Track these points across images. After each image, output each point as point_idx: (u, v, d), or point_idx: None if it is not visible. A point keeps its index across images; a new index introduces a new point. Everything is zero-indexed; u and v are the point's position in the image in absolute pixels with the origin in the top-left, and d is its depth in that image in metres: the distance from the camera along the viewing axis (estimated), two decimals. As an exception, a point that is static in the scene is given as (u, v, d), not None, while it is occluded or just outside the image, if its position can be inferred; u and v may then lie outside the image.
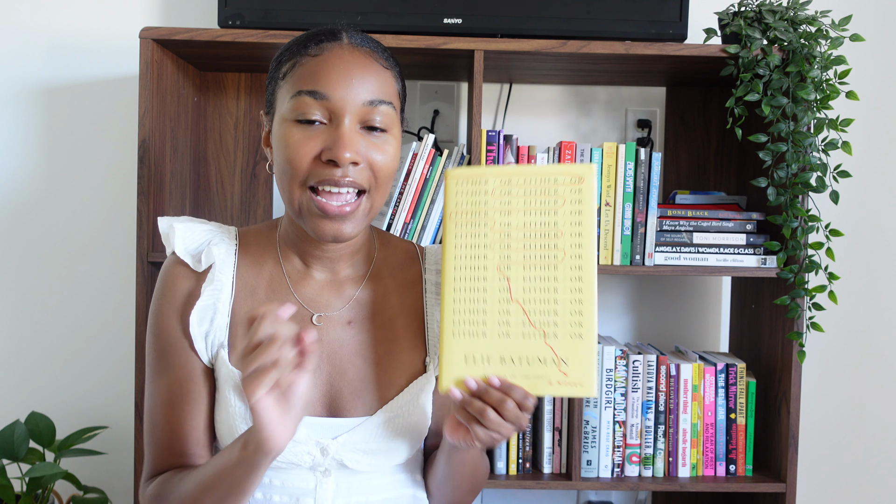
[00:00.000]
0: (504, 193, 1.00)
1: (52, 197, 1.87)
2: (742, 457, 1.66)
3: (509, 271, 0.98)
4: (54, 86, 1.86)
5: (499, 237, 0.99)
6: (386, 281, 1.12)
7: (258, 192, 1.84)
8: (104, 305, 1.88)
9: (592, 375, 0.95)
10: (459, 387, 0.97)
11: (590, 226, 0.97)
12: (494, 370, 0.97)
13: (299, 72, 1.00)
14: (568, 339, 0.96)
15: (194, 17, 1.86)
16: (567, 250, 0.97)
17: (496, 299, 0.98)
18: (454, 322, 0.99)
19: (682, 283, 1.96)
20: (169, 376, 1.05)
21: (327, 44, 1.01)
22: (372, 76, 1.00)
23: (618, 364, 1.64)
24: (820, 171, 1.53)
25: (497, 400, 0.94)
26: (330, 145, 0.97)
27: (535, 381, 0.96)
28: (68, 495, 1.78)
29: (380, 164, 1.00)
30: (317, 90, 0.97)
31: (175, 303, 1.06)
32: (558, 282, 0.97)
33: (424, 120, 1.89)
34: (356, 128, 0.99)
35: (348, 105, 0.98)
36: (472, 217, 1.00)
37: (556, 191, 0.98)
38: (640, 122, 1.92)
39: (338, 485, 1.05)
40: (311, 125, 0.98)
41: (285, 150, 0.98)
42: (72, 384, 1.88)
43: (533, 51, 1.55)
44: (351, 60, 1.00)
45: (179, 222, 1.09)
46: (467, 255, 0.99)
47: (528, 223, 0.98)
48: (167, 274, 1.08)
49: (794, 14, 1.55)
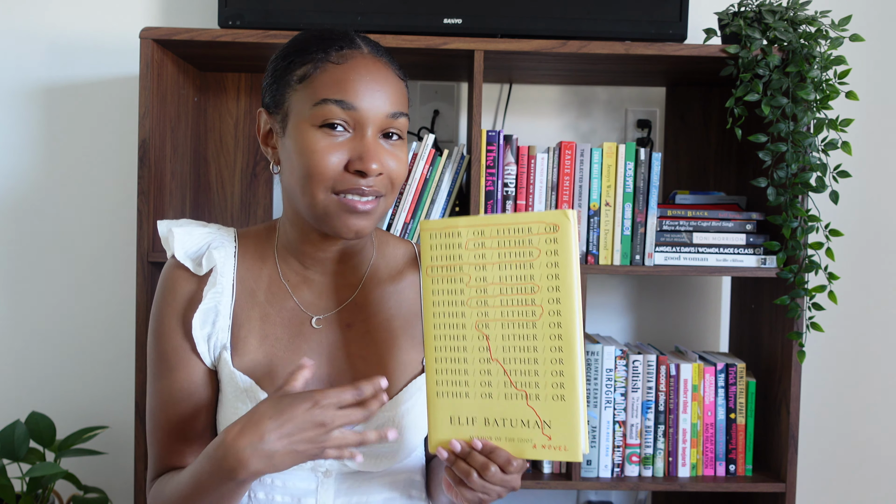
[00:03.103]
0: (477, 246, 0.96)
1: (52, 197, 1.87)
2: (742, 457, 1.66)
3: (487, 329, 0.94)
4: (54, 86, 1.86)
5: (475, 293, 0.95)
6: (384, 282, 1.12)
7: (258, 192, 1.84)
8: (104, 305, 1.88)
9: (577, 439, 0.91)
10: (445, 448, 0.95)
11: (568, 278, 0.91)
12: (479, 432, 0.94)
13: (322, 78, 0.99)
14: (550, 402, 0.92)
15: (194, 17, 1.86)
16: (545, 306, 0.92)
17: (476, 359, 0.94)
18: (438, 382, 0.96)
19: (681, 283, 1.96)
20: (170, 378, 1.06)
21: (349, 51, 1.01)
22: (392, 87, 1.02)
23: (618, 364, 1.64)
24: (820, 171, 1.53)
25: (481, 464, 0.93)
26: (358, 156, 0.97)
27: (519, 444, 0.93)
28: (68, 495, 1.78)
29: (395, 171, 1.01)
30: (345, 100, 0.98)
31: (176, 306, 1.07)
32: (537, 339, 0.92)
33: (424, 120, 1.89)
34: (377, 137, 1.00)
35: (373, 116, 0.99)
36: (448, 272, 0.97)
37: (530, 241, 0.93)
38: (640, 122, 1.92)
39: (339, 485, 1.05)
40: (333, 131, 0.98)
41: (310, 155, 0.98)
42: (72, 384, 1.88)
43: (533, 51, 1.55)
44: (375, 71, 1.01)
45: (178, 226, 1.09)
46: (446, 313, 0.96)
47: (504, 277, 0.94)
48: (167, 278, 1.09)
49: (794, 14, 1.55)
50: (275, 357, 1.06)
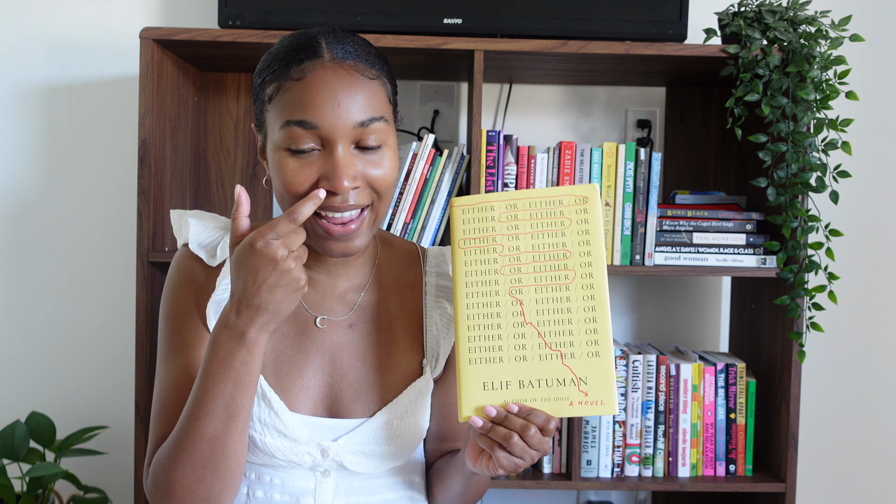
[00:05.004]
0: (510, 218, 1.00)
1: (53, 197, 1.87)
2: (742, 457, 1.66)
3: (521, 294, 0.98)
4: (54, 86, 1.86)
5: (509, 261, 0.99)
6: (387, 283, 1.12)
7: (258, 193, 1.84)
8: (104, 305, 1.88)
9: (613, 392, 0.95)
10: (479, 415, 0.96)
11: (598, 244, 0.98)
12: (514, 395, 0.96)
13: (284, 98, 0.96)
14: (585, 358, 0.96)
15: (194, 17, 1.86)
16: (577, 269, 0.98)
17: (510, 323, 0.98)
18: (470, 349, 0.98)
19: (682, 283, 1.96)
20: (187, 356, 1.03)
21: (308, 63, 0.96)
22: (359, 94, 0.96)
23: (618, 364, 1.64)
24: (820, 171, 1.53)
25: (521, 426, 0.93)
26: (327, 175, 0.95)
27: (555, 403, 0.95)
28: (68, 495, 1.78)
29: (379, 179, 0.98)
30: (305, 119, 0.94)
31: (190, 289, 1.06)
32: (571, 301, 0.97)
33: (424, 120, 1.89)
34: (350, 150, 0.96)
35: (339, 130, 0.95)
36: (481, 243, 1.00)
37: (561, 212, 0.99)
38: (640, 122, 1.92)
39: (337, 485, 1.05)
40: (304, 153, 0.96)
41: (282, 178, 0.97)
42: (72, 384, 1.88)
43: (533, 51, 1.55)
44: (335, 81, 0.95)
45: (192, 216, 1.09)
46: (478, 282, 0.99)
47: (537, 245, 0.99)
48: (180, 265, 1.08)
49: (794, 14, 1.55)
50: (281, 354, 1.06)
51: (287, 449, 1.02)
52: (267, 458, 1.03)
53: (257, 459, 1.04)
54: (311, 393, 1.05)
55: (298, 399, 1.04)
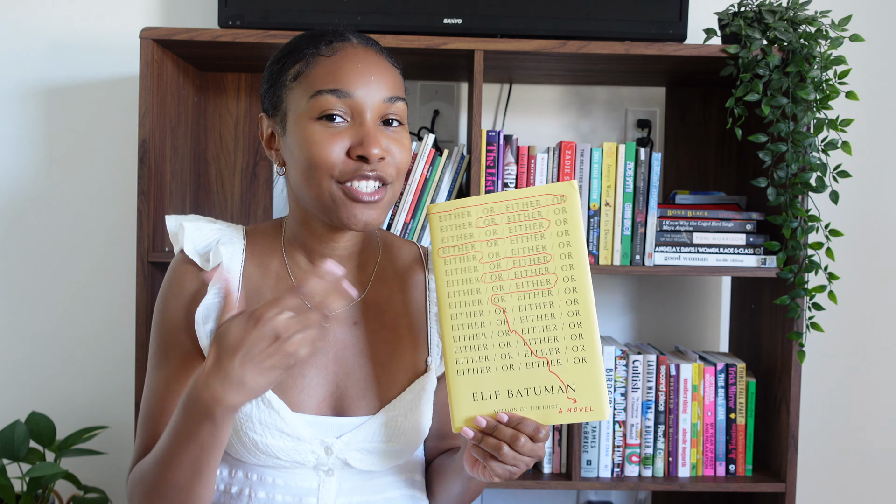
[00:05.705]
0: (488, 223, 0.99)
1: (53, 197, 1.87)
2: (742, 457, 1.66)
3: (504, 302, 0.97)
4: (54, 86, 1.86)
5: (489, 268, 0.98)
6: (390, 281, 1.13)
7: (258, 192, 1.84)
8: (104, 305, 1.88)
9: (602, 399, 0.94)
10: (470, 425, 0.96)
11: (578, 245, 0.96)
12: (503, 405, 0.95)
13: (315, 71, 1.01)
14: (572, 365, 0.94)
15: (194, 17, 1.86)
16: (559, 273, 0.96)
17: (494, 332, 0.97)
18: (457, 360, 0.98)
19: (681, 283, 1.96)
20: (170, 367, 1.05)
21: (338, 43, 1.03)
22: (386, 73, 1.03)
23: (618, 364, 1.64)
24: (820, 171, 1.53)
25: (510, 436, 0.94)
26: (358, 142, 0.98)
27: (545, 411, 0.95)
28: (68, 495, 1.78)
29: (399, 156, 1.02)
30: (339, 88, 0.99)
31: (182, 298, 1.07)
32: (554, 307, 0.96)
33: (424, 120, 1.89)
34: (377, 123, 1.01)
35: (370, 102, 1.00)
36: (460, 251, 0.99)
37: (539, 213, 0.97)
38: (640, 122, 1.92)
39: (340, 484, 1.05)
40: (332, 122, 0.99)
41: (310, 147, 0.99)
42: (72, 384, 1.88)
43: (533, 51, 1.55)
44: (366, 58, 1.02)
45: (188, 221, 1.10)
46: (460, 291, 0.98)
47: (517, 250, 0.97)
48: (175, 271, 1.09)
49: (794, 14, 1.55)
50: None
51: (290, 448, 1.02)
52: (269, 459, 1.03)
53: (258, 461, 1.03)
54: (316, 391, 1.05)
55: (302, 397, 1.04)
